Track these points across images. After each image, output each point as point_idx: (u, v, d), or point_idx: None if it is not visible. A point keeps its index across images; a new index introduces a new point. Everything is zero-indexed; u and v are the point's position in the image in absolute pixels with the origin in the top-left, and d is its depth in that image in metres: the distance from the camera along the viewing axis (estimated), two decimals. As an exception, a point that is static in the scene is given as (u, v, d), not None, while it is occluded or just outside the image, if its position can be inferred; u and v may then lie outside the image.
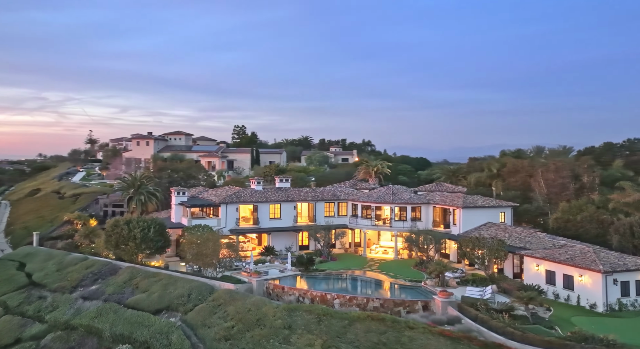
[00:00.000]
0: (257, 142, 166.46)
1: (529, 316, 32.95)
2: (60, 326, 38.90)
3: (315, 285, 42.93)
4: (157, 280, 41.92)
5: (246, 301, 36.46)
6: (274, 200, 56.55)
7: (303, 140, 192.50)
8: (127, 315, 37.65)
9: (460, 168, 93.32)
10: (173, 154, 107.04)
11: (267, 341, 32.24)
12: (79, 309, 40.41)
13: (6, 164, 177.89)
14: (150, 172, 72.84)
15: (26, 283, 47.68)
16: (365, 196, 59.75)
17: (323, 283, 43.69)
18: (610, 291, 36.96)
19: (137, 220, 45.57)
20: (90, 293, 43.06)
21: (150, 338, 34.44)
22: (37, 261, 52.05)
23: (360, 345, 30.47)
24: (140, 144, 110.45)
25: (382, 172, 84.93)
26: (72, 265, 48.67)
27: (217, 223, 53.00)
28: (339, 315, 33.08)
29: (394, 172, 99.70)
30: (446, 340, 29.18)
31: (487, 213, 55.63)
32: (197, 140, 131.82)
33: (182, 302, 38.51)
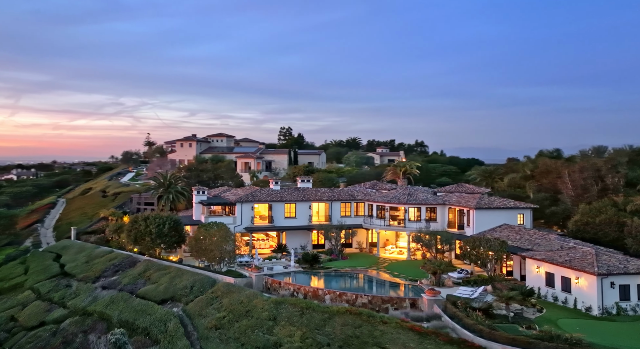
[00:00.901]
0: (302, 144, 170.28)
1: (508, 315, 32.97)
2: (78, 312, 42.86)
3: (315, 281, 44.49)
4: (167, 273, 45.08)
5: (240, 294, 38.70)
6: (289, 199, 58.61)
7: (351, 142, 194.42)
8: (135, 304, 40.95)
9: (497, 170, 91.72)
10: (214, 155, 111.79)
11: (252, 331, 34.27)
12: (96, 297, 44.23)
13: (82, 166, 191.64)
14: (181, 172, 76.85)
15: (58, 272, 52.44)
16: (381, 197, 60.52)
17: (323, 280, 45.18)
18: (606, 294, 36.03)
19: (153, 217, 49.00)
20: (109, 283, 46.90)
21: (150, 324, 37.45)
22: (70, 253, 56.99)
23: (336, 337, 31.83)
24: (184, 146, 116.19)
25: (411, 172, 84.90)
26: (98, 257, 53.04)
27: (233, 221, 55.75)
28: (321, 309, 34.54)
29: (433, 172, 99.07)
30: (414, 335, 29.99)
31: (504, 214, 54.93)
32: (241, 142, 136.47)
33: (185, 293, 41.33)
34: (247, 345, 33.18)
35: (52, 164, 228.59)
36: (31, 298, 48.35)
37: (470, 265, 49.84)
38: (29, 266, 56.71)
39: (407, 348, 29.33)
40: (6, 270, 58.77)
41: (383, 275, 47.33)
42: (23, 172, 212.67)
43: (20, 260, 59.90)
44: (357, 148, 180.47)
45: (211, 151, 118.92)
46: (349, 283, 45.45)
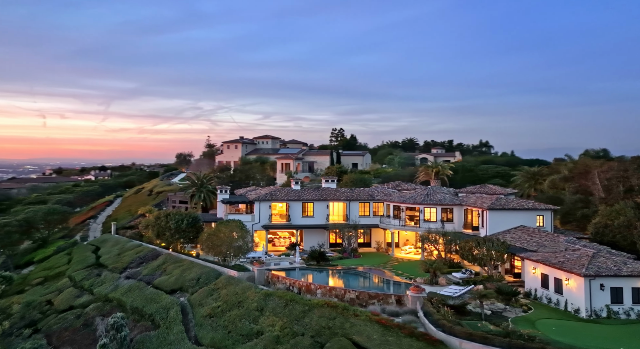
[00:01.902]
0: (354, 145, 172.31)
1: (482, 313, 33.48)
2: (101, 298, 47.60)
3: (315, 277, 46.56)
4: (180, 265, 48.88)
5: (237, 286, 41.54)
6: (306, 199, 60.99)
7: (407, 142, 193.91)
8: (147, 292, 44.96)
9: (541, 171, 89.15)
10: (258, 157, 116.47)
11: (240, 320, 36.97)
12: (117, 285, 48.80)
13: (157, 167, 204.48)
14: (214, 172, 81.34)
15: (94, 263, 57.99)
16: (398, 197, 61.45)
17: (324, 276, 47.15)
18: (596, 296, 35.46)
19: (173, 214, 53.15)
20: (132, 273, 51.44)
21: (155, 311, 41.16)
22: (107, 246, 62.61)
23: (311, 328, 33.78)
24: (230, 148, 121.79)
25: (443, 173, 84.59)
26: (128, 250, 58.04)
27: (252, 219, 58.98)
28: (303, 301, 36.59)
29: (485, 174, 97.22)
30: (380, 327, 31.35)
31: (521, 216, 54.25)
32: (288, 144, 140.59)
33: (191, 284, 44.82)
34: (233, 333, 35.89)
35: (130, 166, 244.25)
36: (67, 284, 53.98)
37: (476, 265, 50.06)
38: (72, 257, 62.95)
39: (370, 338, 30.82)
40: (54, 260, 65.56)
41: (387, 273, 48.47)
42: (100, 173, 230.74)
43: (67, 251, 66.50)
44: (413, 149, 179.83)
45: (257, 152, 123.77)
46: (349, 280, 47.04)
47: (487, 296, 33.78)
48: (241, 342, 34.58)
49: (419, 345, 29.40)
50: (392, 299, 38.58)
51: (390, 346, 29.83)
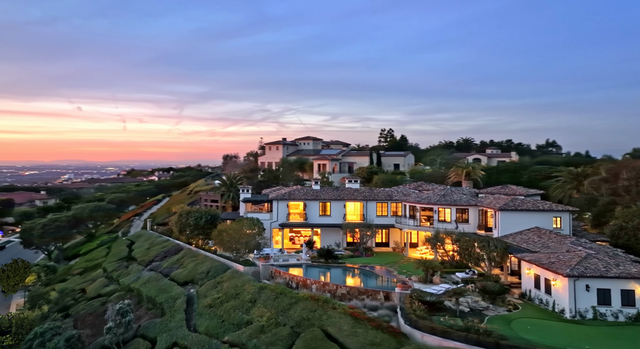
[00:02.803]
0: (405, 146, 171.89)
1: (456, 310, 34.30)
2: (124, 288, 52.15)
3: (318, 273, 48.63)
4: (195, 260, 52.58)
5: (238, 280, 44.48)
6: (324, 198, 63.12)
7: (462, 143, 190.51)
8: (162, 284, 48.93)
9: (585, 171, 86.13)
10: (298, 158, 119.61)
11: (234, 310, 39.84)
12: (139, 277, 53.22)
13: (213, 169, 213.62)
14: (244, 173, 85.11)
15: (126, 256, 63.15)
16: (415, 197, 62.20)
17: (326, 272, 49.12)
18: (581, 297, 35.24)
19: (193, 211, 56.99)
20: (155, 266, 55.79)
21: (164, 301, 44.93)
22: (140, 241, 67.79)
23: (293, 319, 35.98)
24: (272, 149, 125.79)
25: (474, 174, 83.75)
26: (156, 245, 62.71)
27: (270, 217, 61.93)
28: (291, 295, 38.87)
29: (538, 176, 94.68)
30: (352, 320, 33.12)
31: (536, 217, 53.54)
32: (331, 145, 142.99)
33: (201, 277, 48.29)
34: (226, 322, 38.78)
35: (195, 167, 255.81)
36: (100, 275, 59.29)
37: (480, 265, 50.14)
38: (110, 251, 68.65)
39: (341, 329, 32.63)
40: (96, 252, 71.69)
41: (392, 272, 49.67)
42: (163, 174, 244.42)
43: (107, 245, 72.54)
44: (469, 149, 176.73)
45: (298, 153, 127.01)
46: (350, 276, 48.66)
47: (461, 294, 34.54)
48: (231, 330, 37.38)
49: (382, 336, 30.93)
50: (381, 295, 40.01)
51: (357, 336, 31.54)
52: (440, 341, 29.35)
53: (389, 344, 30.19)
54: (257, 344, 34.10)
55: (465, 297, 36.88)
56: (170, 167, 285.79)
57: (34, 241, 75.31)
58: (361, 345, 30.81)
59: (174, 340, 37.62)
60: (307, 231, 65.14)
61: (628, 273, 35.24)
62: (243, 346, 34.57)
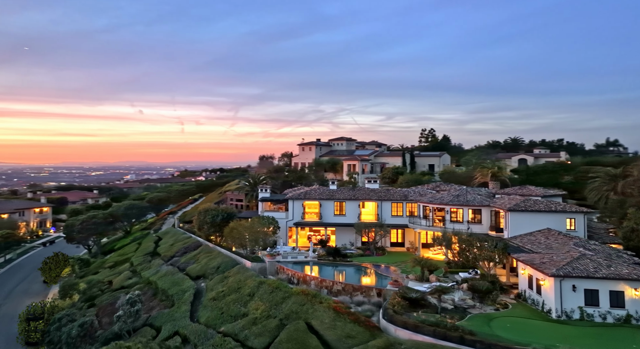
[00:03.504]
0: (447, 146, 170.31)
1: (438, 306, 35.24)
2: (145, 281, 55.83)
3: (323, 270, 50.41)
4: (209, 255, 55.58)
5: (243, 275, 46.97)
6: (339, 198, 64.76)
7: (510, 142, 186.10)
8: (175, 277, 52.18)
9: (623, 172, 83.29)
10: (330, 158, 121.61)
11: (234, 303, 42.34)
12: (158, 271, 56.81)
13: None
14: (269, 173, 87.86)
15: (151, 251, 67.20)
16: (428, 197, 62.73)
17: (329, 269, 50.83)
18: (567, 297, 35.32)
19: (210, 209, 60.13)
20: (173, 261, 59.31)
21: (175, 293, 48.05)
22: (167, 237, 71.84)
23: (283, 312, 38.02)
24: (305, 150, 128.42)
25: (501, 174, 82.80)
26: (179, 241, 66.39)
27: (286, 216, 64.23)
28: (285, 289, 40.92)
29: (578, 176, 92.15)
30: (333, 313, 34.78)
31: (548, 218, 52.98)
32: (367, 145, 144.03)
33: (212, 272, 51.16)
34: (226, 314, 41.31)
35: (246, 168, 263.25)
36: (126, 268, 63.48)
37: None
38: (140, 246, 73.07)
39: (322, 322, 34.37)
40: (127, 248, 76.46)
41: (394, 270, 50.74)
42: (210, 174, 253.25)
43: (138, 241, 77.14)
44: (516, 149, 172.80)
45: (331, 154, 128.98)
46: (353, 274, 50.09)
47: (443, 292, 35.41)
48: (228, 322, 39.87)
49: (358, 330, 32.44)
50: (374, 292, 41.48)
51: (335, 329, 33.21)
52: (411, 335, 30.60)
53: (362, 337, 31.66)
54: (248, 334, 36.37)
55: (451, 295, 37.68)
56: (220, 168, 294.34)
57: (74, 236, 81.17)
58: (338, 337, 32.46)
59: (176, 329, 40.47)
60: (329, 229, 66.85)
61: (617, 274, 35.03)
62: (235, 336, 36.91)
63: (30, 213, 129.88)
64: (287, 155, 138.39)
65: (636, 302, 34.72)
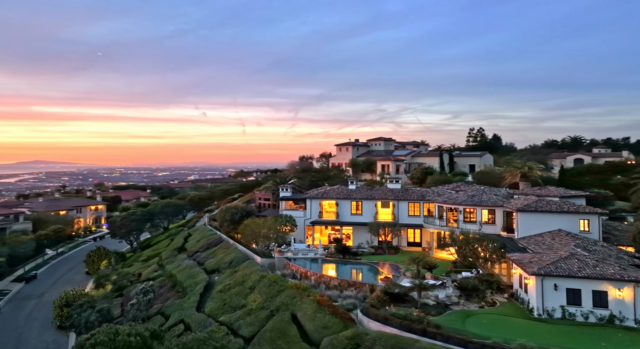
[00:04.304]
0: (495, 146, 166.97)
1: (418, 301, 36.68)
2: (167, 274, 60.14)
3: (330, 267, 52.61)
4: (226, 251, 59.08)
5: (250, 269, 50.02)
6: (355, 198, 66.64)
7: (569, 142, 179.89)
8: (192, 271, 56.03)
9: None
10: (366, 159, 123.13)
11: (236, 295, 45.45)
12: (179, 265, 60.97)
13: None
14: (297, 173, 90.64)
15: (179, 246, 71.75)
16: (444, 198, 63.37)
17: (336, 266, 52.93)
18: (548, 296, 35.83)
19: (231, 207, 63.74)
20: (195, 256, 63.34)
21: (189, 285, 51.80)
22: (196, 234, 76.29)
23: (275, 304, 40.65)
24: (342, 150, 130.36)
25: (530, 174, 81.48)
26: (205, 238, 70.53)
27: (304, 215, 66.84)
28: (281, 282, 43.50)
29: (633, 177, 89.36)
30: (316, 305, 36.99)
31: (560, 219, 52.69)
32: (407, 145, 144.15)
33: (224, 266, 54.58)
34: (227, 305, 44.49)
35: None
36: (155, 262, 68.27)
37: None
38: (172, 242, 78.00)
39: (305, 314, 36.71)
40: (161, 243, 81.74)
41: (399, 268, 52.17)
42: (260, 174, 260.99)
43: (172, 237, 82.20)
44: (576, 148, 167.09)
45: (368, 154, 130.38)
46: (356, 271, 51.93)
47: (423, 288, 36.77)
48: (228, 312, 43.01)
49: (334, 321, 34.52)
50: (366, 288, 43.25)
51: (315, 320, 35.49)
52: (381, 327, 32.39)
53: (336, 328, 33.72)
54: (241, 324, 39.33)
55: (436, 292, 38.89)
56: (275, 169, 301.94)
57: (116, 232, 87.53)
58: (315, 327, 34.73)
59: (182, 318, 44.05)
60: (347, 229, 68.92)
61: (599, 274, 35.16)
62: (231, 325, 39.95)
63: (87, 210, 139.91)
64: (325, 155, 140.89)
65: (620, 302, 34.76)
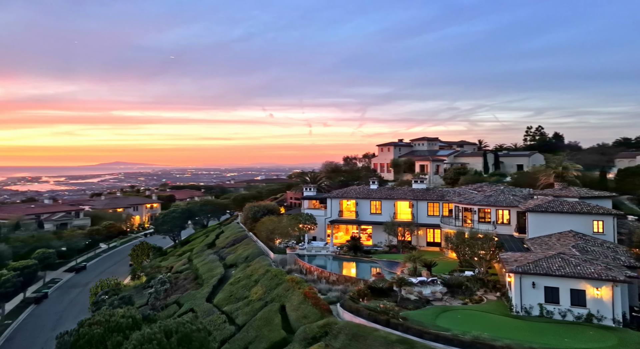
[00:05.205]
0: (555, 145, 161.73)
1: (398, 296, 38.74)
2: (194, 267, 65.11)
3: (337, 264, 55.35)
4: (245, 246, 63.16)
5: (259, 264, 53.66)
6: (374, 197, 68.76)
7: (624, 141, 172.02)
8: (212, 265, 60.55)
9: None
10: (407, 159, 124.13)
11: (242, 288, 49.24)
12: (204, 259, 65.73)
13: None
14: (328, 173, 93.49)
15: (210, 242, 76.81)
16: (460, 198, 64.19)
17: (342, 263, 55.57)
18: (526, 293, 36.76)
19: (254, 206, 67.81)
20: (220, 251, 67.91)
21: (206, 278, 56.27)
22: (227, 231, 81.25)
23: (271, 295, 43.99)
24: (384, 151, 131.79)
25: (565, 175, 79.93)
26: (233, 234, 75.13)
27: (324, 213, 69.77)
28: (281, 276, 46.77)
29: None
30: (302, 297, 39.93)
31: (573, 220, 52.46)
32: (454, 145, 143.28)
33: (241, 261, 58.61)
34: (233, 297, 48.37)
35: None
36: (186, 256, 73.64)
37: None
38: (206, 238, 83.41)
39: (292, 304, 39.78)
40: (197, 239, 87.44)
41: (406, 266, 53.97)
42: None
43: (207, 234, 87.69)
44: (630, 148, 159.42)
45: (411, 154, 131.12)
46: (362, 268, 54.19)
47: (403, 284, 38.80)
48: (231, 303, 46.87)
49: (313, 311, 37.34)
50: (362, 283, 45.63)
51: (298, 310, 38.51)
52: (352, 317, 34.92)
53: (314, 317, 36.51)
54: (238, 313, 43.05)
55: (420, 288, 40.70)
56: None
57: (159, 229, 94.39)
58: (297, 317, 37.73)
59: (192, 307, 48.39)
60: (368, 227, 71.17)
61: (575, 273, 35.78)
62: (230, 314, 43.76)
63: (142, 208, 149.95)
64: (367, 156, 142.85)
65: (598, 301, 35.24)
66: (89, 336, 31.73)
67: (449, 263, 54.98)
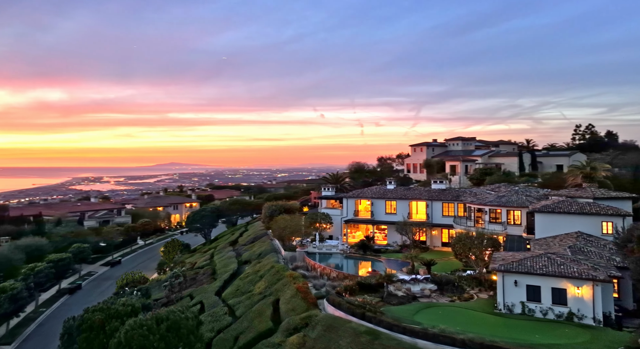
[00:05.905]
0: (607, 144, 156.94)
1: (385, 292, 40.61)
2: (213, 263, 68.82)
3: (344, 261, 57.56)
4: (261, 244, 66.30)
5: (268, 260, 56.58)
6: (389, 197, 70.38)
7: None
8: (228, 261, 63.98)
9: None
10: (439, 159, 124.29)
11: (248, 283, 52.29)
12: (222, 255, 69.37)
13: None
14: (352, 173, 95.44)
15: (234, 240, 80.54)
16: (473, 198, 64.87)
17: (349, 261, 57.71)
18: (509, 292, 37.79)
19: (272, 205, 70.95)
20: (239, 248, 71.40)
21: (220, 273, 59.74)
22: (251, 229, 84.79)
23: (269, 290, 46.75)
24: (417, 151, 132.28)
25: (594, 175, 78.54)
26: (254, 232, 78.57)
27: (341, 213, 72.02)
28: (282, 272, 49.41)
29: None
30: (295, 292, 42.44)
31: (581, 221, 52.34)
32: (492, 145, 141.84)
33: (254, 257, 61.75)
34: (239, 291, 51.45)
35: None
36: (210, 253, 77.67)
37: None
38: (232, 236, 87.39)
39: (285, 298, 42.33)
40: (223, 237, 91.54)
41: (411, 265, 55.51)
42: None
43: (232, 232, 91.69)
44: None
45: (446, 154, 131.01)
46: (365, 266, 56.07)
47: (390, 280, 40.64)
48: (237, 297, 49.97)
49: (301, 305, 39.76)
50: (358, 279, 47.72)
51: (288, 304, 41.04)
52: (334, 311, 37.15)
53: (300, 310, 38.94)
54: (238, 305, 46.08)
55: (408, 284, 42.39)
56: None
57: (191, 227, 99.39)
58: (286, 310, 40.29)
59: (201, 300, 51.87)
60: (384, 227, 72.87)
61: (557, 272, 36.57)
62: (233, 307, 46.86)
63: (182, 207, 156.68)
64: (401, 156, 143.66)
65: (578, 300, 35.95)
66: (91, 321, 35.48)
67: (455, 263, 56.04)
